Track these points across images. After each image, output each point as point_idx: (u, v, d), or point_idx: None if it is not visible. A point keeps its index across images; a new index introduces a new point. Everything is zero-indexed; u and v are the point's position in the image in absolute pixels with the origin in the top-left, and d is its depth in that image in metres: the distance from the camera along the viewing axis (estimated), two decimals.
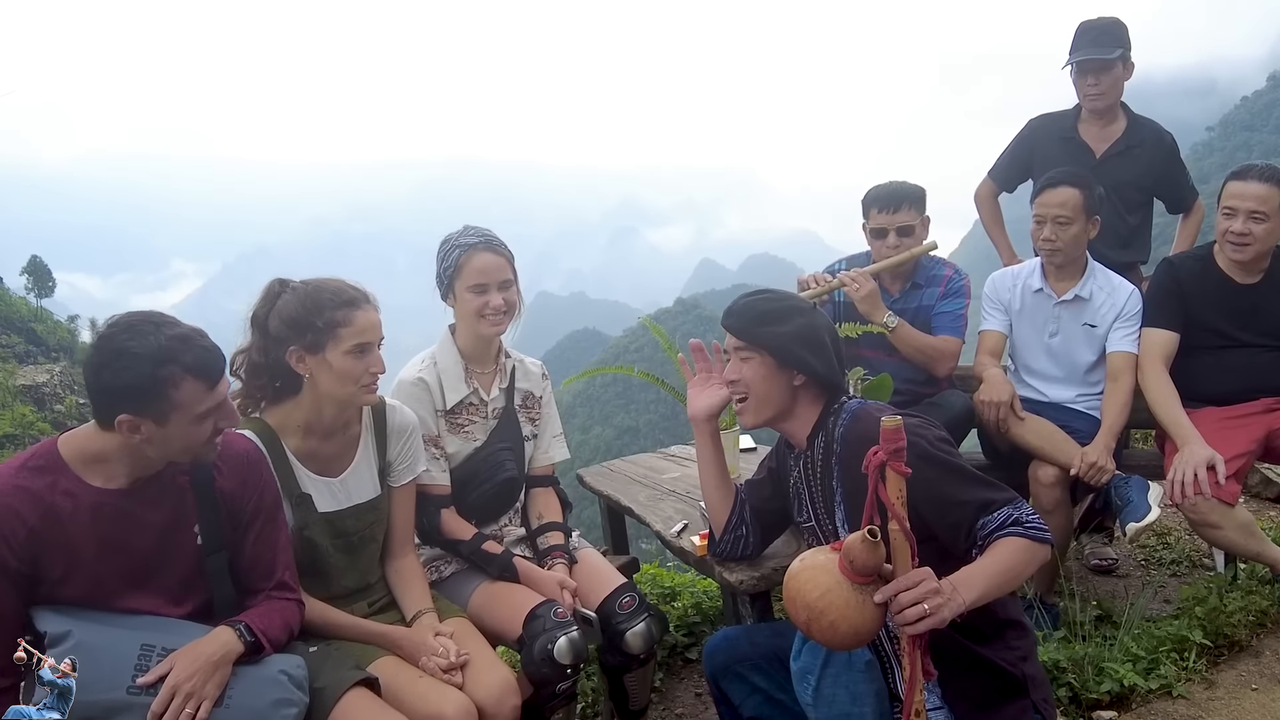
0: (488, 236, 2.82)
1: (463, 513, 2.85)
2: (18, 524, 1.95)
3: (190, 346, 1.97)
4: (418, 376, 2.81)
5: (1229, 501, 2.99)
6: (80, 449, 2.04)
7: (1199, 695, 2.89)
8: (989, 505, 1.97)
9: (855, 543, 1.74)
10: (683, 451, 3.84)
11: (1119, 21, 4.00)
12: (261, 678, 2.08)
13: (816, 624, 1.77)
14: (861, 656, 2.01)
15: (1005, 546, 1.93)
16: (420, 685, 2.31)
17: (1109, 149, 4.07)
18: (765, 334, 2.22)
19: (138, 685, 1.97)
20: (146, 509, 2.09)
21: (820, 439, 2.21)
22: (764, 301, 2.27)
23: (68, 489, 2.01)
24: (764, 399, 2.24)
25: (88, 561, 2.03)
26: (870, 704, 2.03)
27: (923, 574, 1.78)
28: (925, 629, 1.77)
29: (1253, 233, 3.18)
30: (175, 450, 2.03)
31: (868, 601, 1.76)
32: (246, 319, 2.45)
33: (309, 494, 2.46)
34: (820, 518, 2.23)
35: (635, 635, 2.69)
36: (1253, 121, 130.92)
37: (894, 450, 1.74)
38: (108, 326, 1.98)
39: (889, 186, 3.64)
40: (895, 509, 1.76)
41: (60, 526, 1.99)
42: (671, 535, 2.85)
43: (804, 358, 2.20)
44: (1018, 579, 1.96)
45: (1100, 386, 3.51)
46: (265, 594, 2.25)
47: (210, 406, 2.00)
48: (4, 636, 2.01)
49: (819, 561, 1.80)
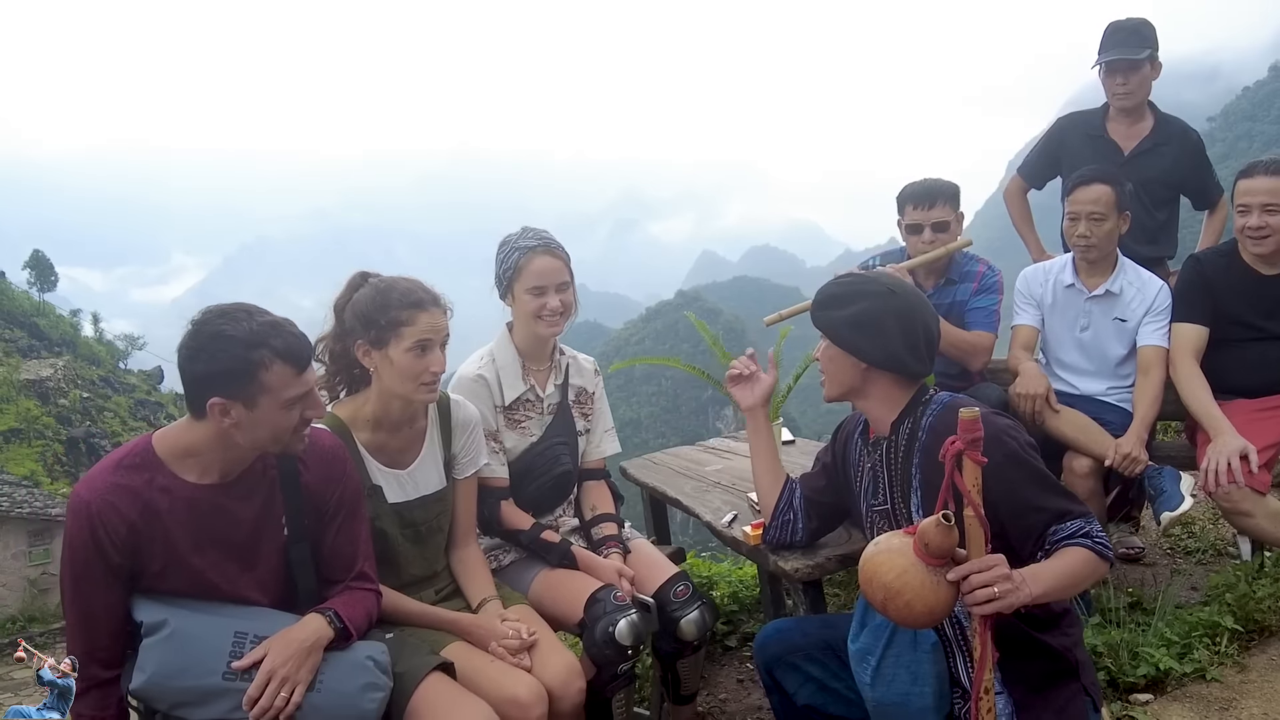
0: (546, 239, 2.90)
1: (519, 505, 2.94)
2: (119, 521, 2.04)
3: (280, 332, 2.05)
4: (477, 373, 2.89)
5: (1261, 490, 3.08)
6: (174, 445, 2.12)
7: (1232, 679, 2.99)
8: (1064, 515, 2.06)
9: (930, 526, 1.83)
10: (722, 445, 3.94)
11: (1147, 22, 4.09)
12: (350, 663, 2.17)
13: (893, 603, 1.86)
14: (927, 638, 2.11)
15: (1073, 555, 2.01)
16: (492, 669, 2.40)
17: (1137, 147, 4.17)
18: (821, 318, 2.34)
19: (233, 670, 2.06)
20: (238, 502, 2.18)
21: (906, 426, 2.27)
22: (837, 285, 2.36)
23: (164, 485, 2.09)
24: (833, 377, 2.35)
25: (185, 554, 2.11)
26: (931, 685, 2.12)
27: (996, 560, 1.87)
28: (992, 611, 1.86)
29: (1269, 224, 3.27)
30: (264, 437, 2.10)
31: (941, 582, 1.85)
32: (329, 306, 2.55)
33: (379, 485, 2.55)
34: (895, 503, 2.29)
35: (689, 622, 2.78)
36: (1254, 111, 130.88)
37: (971, 440, 1.83)
38: (201, 315, 2.06)
39: (924, 183, 3.72)
40: (971, 496, 1.85)
41: (158, 521, 2.08)
42: (723, 525, 2.94)
43: (854, 342, 2.27)
44: (1079, 587, 2.05)
45: (1130, 380, 3.60)
46: (345, 584, 2.33)
47: (298, 393, 2.08)
48: (109, 626, 2.11)
49: (894, 545, 1.89)
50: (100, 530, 2.03)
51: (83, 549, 2.04)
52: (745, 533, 2.81)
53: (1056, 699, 2.14)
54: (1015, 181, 4.59)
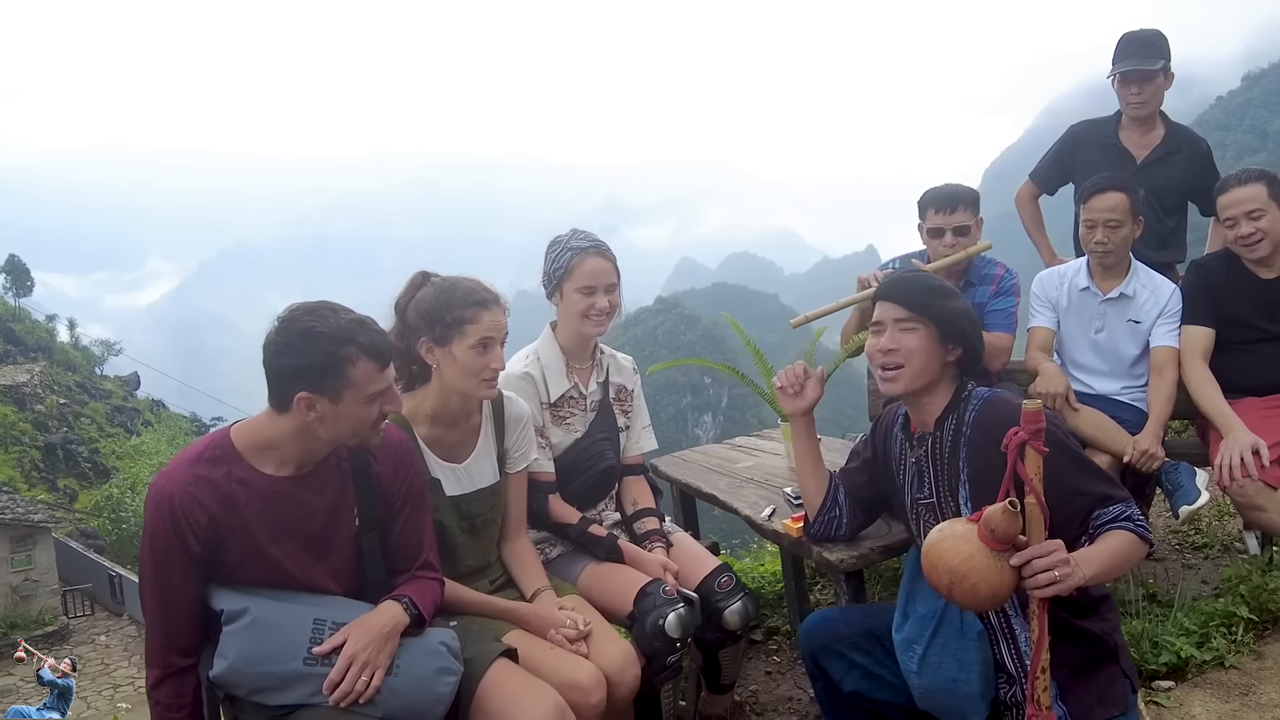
0: (597, 241, 3.00)
1: (564, 499, 3.01)
2: (200, 512, 2.10)
3: (365, 329, 2.13)
4: (524, 371, 2.97)
5: (1273, 485, 3.20)
6: (253, 438, 2.19)
7: (1249, 666, 3.11)
8: (1107, 499, 2.17)
9: (996, 513, 1.93)
10: (748, 443, 4.03)
11: (1160, 33, 4.24)
12: (425, 648, 2.24)
13: (959, 586, 1.95)
14: (974, 626, 2.21)
15: (1118, 538, 2.12)
16: (552, 656, 2.48)
17: (1149, 155, 4.32)
18: (938, 307, 2.36)
19: (313, 655, 2.13)
20: (313, 494, 2.25)
21: (950, 421, 2.36)
22: (930, 278, 2.45)
23: (242, 477, 2.16)
24: (920, 370, 2.35)
25: (263, 544, 2.18)
26: (977, 672, 2.22)
27: (1056, 545, 1.97)
28: (1053, 594, 1.96)
29: (1257, 229, 3.41)
30: (345, 431, 2.17)
31: (1005, 567, 1.95)
32: (390, 305, 2.64)
33: (438, 479, 2.63)
34: (942, 496, 2.37)
35: (733, 613, 2.87)
36: (1227, 121, 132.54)
37: (1034, 431, 1.94)
38: (288, 313, 2.14)
39: (945, 189, 3.84)
40: (1033, 484, 1.95)
41: (237, 513, 2.14)
42: (762, 519, 3.03)
43: (969, 333, 2.36)
44: (1124, 569, 2.16)
45: (1143, 379, 3.72)
46: (411, 573, 2.41)
47: (380, 388, 2.16)
48: (188, 615, 2.17)
49: (959, 531, 1.99)
50: (182, 521, 2.09)
51: (164, 539, 2.10)
52: (786, 525, 2.90)
53: (1098, 682, 2.23)
54: (1027, 186, 4.73)
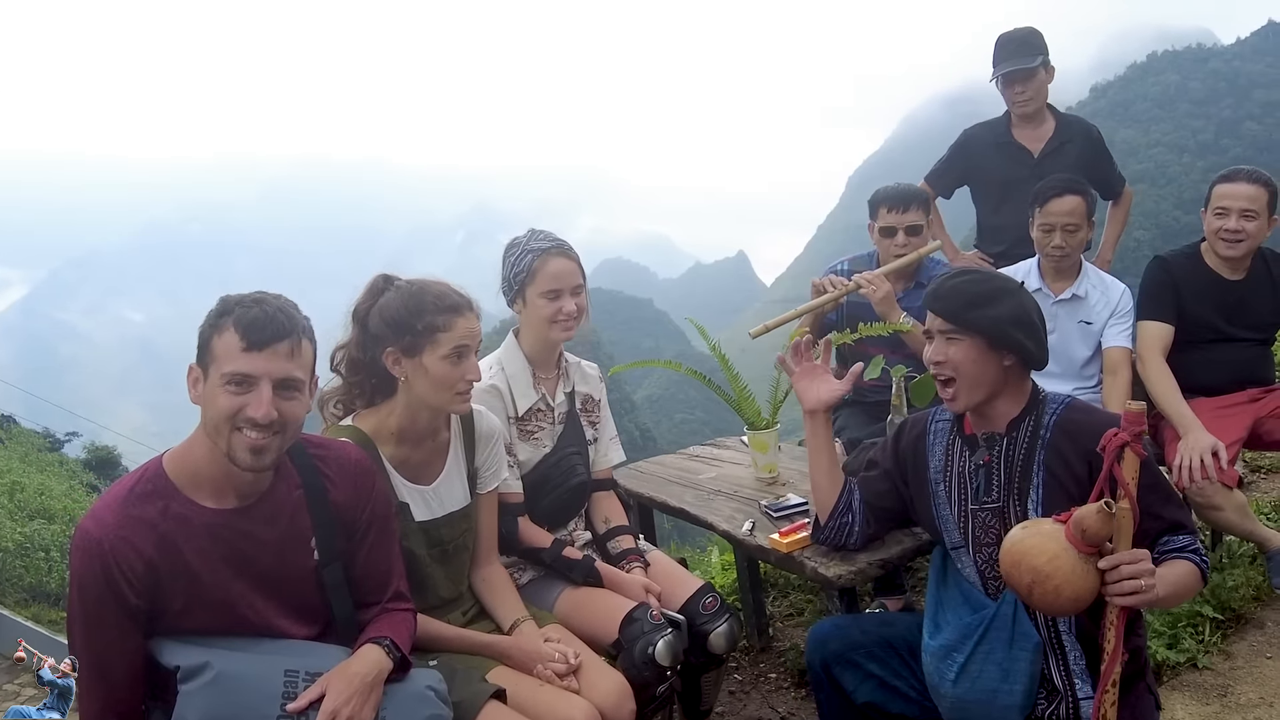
0: (559, 241, 2.77)
1: (532, 519, 2.78)
2: (135, 558, 1.82)
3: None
4: (490, 384, 2.72)
5: (1230, 485, 3.23)
6: (187, 466, 1.92)
7: (1221, 666, 3.12)
8: (1179, 527, 2.10)
9: (1090, 513, 1.82)
10: (705, 452, 3.85)
11: (1035, 30, 4.37)
12: (412, 694, 1.99)
13: (1040, 587, 1.84)
14: (1031, 637, 2.09)
15: (1185, 569, 2.05)
16: (543, 694, 2.26)
17: (1044, 148, 4.43)
18: (976, 317, 2.21)
19: (287, 712, 1.86)
20: (262, 526, 1.97)
21: (1027, 424, 2.23)
22: (971, 284, 2.25)
23: (179, 513, 1.88)
24: (975, 381, 2.22)
25: (209, 588, 1.90)
26: (1022, 683, 2.11)
27: (1144, 554, 1.88)
28: (1134, 604, 1.87)
29: (1245, 229, 3.44)
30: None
31: (1091, 571, 1.84)
32: (348, 312, 2.36)
33: (406, 503, 2.37)
34: (1010, 500, 2.23)
35: (719, 635, 2.69)
36: None
37: (1136, 434, 1.85)
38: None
39: (897, 187, 3.77)
40: (1129, 488, 1.86)
41: (177, 554, 1.87)
42: (744, 534, 2.86)
43: (1017, 339, 2.19)
44: (1183, 599, 2.11)
45: (1094, 380, 3.73)
46: (381, 605, 2.15)
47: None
48: (127, 674, 1.90)
49: (1045, 530, 1.88)
50: (114, 570, 1.81)
51: (95, 593, 1.81)
52: (774, 540, 2.74)
53: (1129, 698, 2.15)
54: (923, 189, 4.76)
